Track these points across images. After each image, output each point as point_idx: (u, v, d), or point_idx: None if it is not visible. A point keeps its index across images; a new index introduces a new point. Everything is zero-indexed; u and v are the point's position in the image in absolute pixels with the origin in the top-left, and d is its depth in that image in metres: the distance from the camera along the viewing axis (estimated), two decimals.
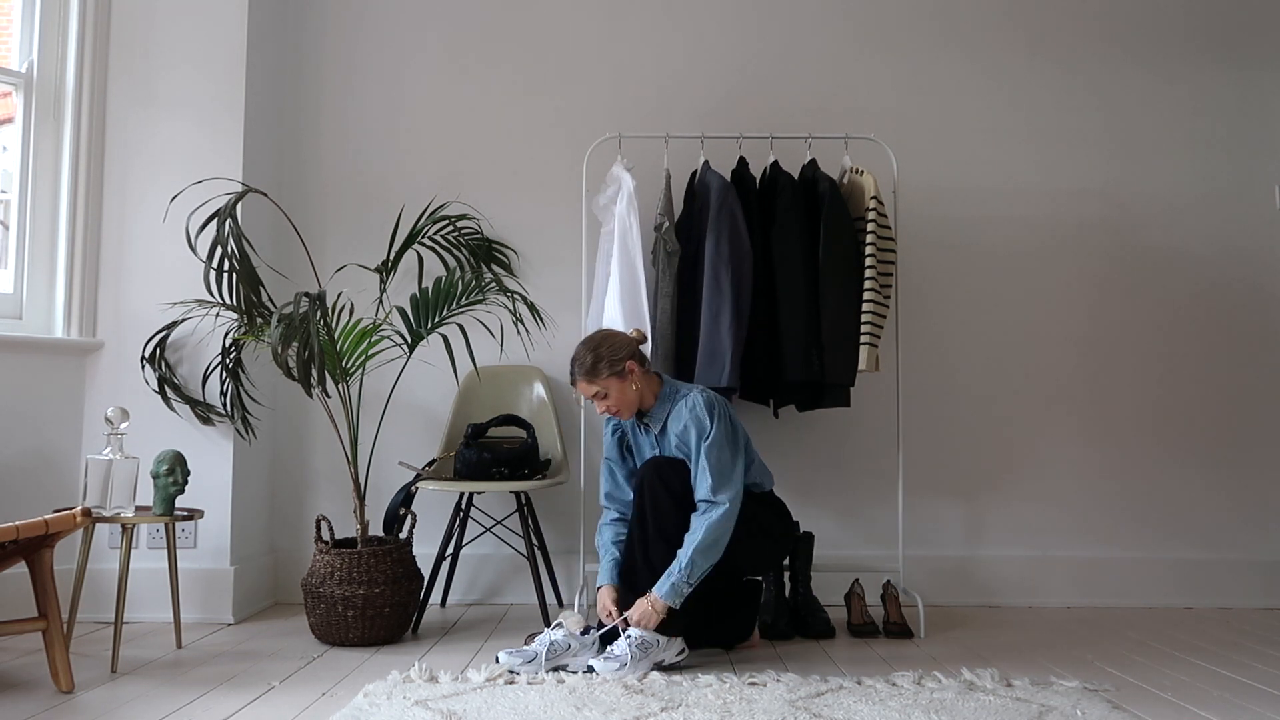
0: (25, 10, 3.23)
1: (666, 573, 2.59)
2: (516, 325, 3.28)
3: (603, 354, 2.71)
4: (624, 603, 2.66)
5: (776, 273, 3.14)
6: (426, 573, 3.14)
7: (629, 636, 2.55)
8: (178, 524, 3.09)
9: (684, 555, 2.59)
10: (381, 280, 3.39)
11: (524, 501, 3.20)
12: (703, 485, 2.65)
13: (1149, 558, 3.55)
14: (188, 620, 3.08)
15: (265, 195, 3.07)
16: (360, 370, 3.03)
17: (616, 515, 2.89)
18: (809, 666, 2.65)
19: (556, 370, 3.53)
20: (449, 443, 3.36)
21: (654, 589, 2.59)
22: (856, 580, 3.21)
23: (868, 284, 3.08)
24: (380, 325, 3.02)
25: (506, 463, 3.17)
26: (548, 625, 3.01)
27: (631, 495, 2.83)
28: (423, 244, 3.46)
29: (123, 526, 2.70)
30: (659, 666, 2.56)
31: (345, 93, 3.67)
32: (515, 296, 3.22)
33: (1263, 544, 3.57)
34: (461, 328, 3.04)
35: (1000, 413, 3.61)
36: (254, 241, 3.08)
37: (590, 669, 2.52)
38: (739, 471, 2.69)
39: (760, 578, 3.00)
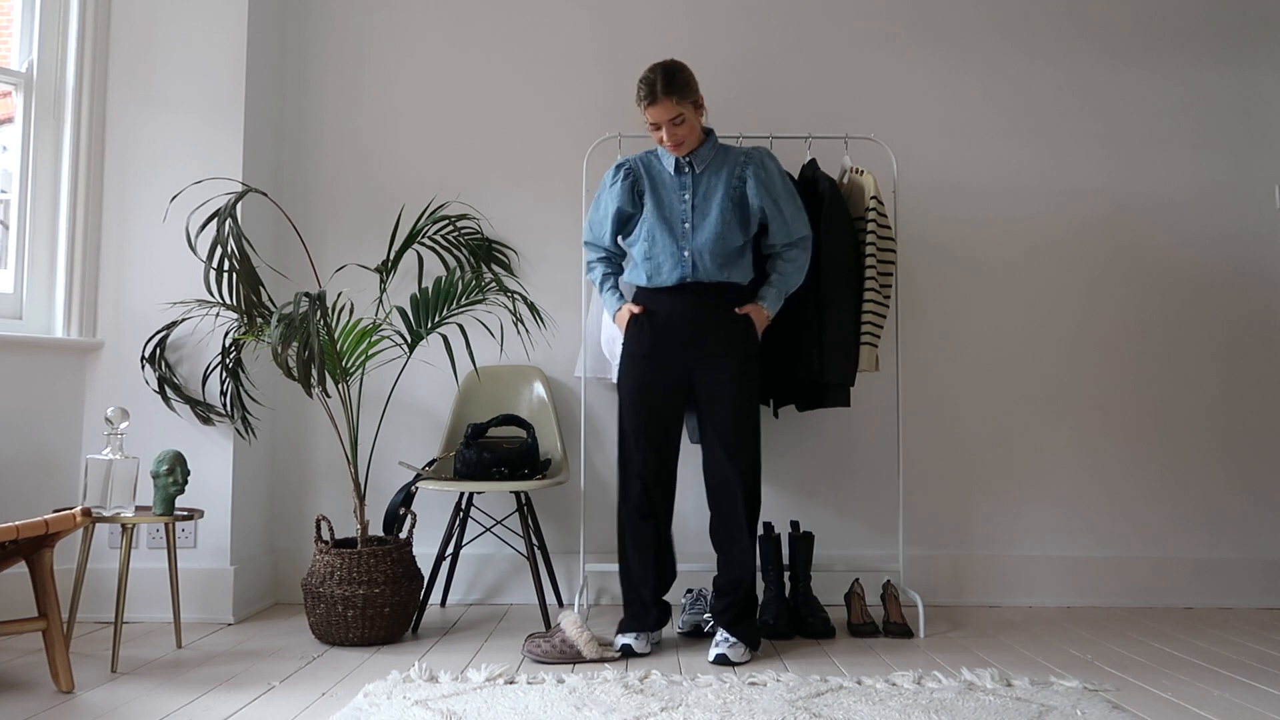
0: (25, 10, 3.23)
1: (774, 289, 2.83)
2: (516, 325, 3.28)
3: (689, 77, 2.63)
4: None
5: None
6: (426, 573, 3.14)
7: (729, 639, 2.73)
8: (178, 524, 3.09)
9: (785, 283, 2.85)
10: (381, 280, 3.39)
11: (524, 501, 3.20)
12: (800, 224, 2.84)
13: (1149, 558, 3.55)
14: (188, 620, 3.08)
15: (265, 195, 3.07)
16: (360, 370, 3.03)
17: (603, 256, 2.96)
18: (809, 666, 2.65)
19: (556, 370, 3.54)
20: (449, 443, 3.36)
21: (762, 302, 2.81)
22: (856, 580, 3.21)
23: (868, 284, 3.08)
24: (380, 325, 3.02)
25: (506, 463, 3.17)
26: (548, 626, 3.02)
27: (614, 247, 2.93)
28: (423, 244, 3.46)
29: (123, 526, 2.70)
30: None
31: (345, 92, 3.67)
32: (515, 296, 3.22)
33: (1262, 544, 3.57)
34: (461, 328, 3.05)
35: (1000, 412, 3.61)
36: (254, 241, 3.09)
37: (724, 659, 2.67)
38: None
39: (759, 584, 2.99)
